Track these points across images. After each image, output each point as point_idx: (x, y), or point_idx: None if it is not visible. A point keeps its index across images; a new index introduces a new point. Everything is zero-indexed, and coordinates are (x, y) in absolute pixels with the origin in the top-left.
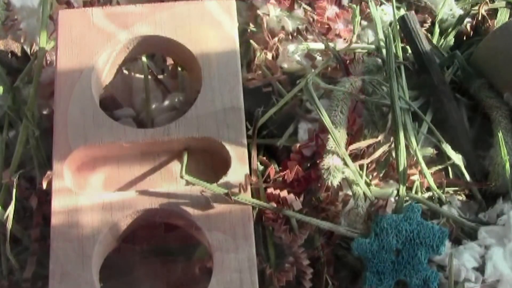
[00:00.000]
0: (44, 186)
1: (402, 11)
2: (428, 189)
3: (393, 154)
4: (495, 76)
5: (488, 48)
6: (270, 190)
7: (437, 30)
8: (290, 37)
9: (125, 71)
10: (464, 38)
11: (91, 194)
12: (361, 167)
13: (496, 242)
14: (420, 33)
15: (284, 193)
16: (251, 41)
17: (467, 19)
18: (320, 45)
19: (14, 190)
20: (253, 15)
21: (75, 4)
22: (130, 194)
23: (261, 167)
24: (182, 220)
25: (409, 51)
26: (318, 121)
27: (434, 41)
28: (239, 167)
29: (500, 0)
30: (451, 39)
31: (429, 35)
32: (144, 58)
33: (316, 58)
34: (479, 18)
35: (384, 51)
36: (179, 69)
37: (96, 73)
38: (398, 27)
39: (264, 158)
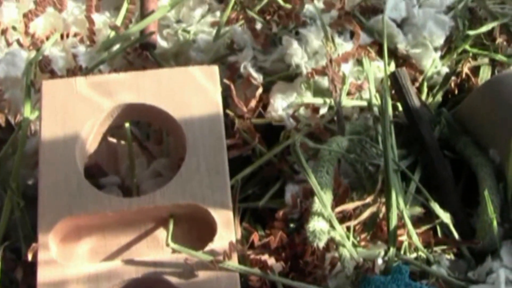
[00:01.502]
0: (30, 258)
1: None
2: (417, 249)
3: (380, 215)
4: (479, 133)
5: (472, 106)
6: (253, 255)
7: (425, 88)
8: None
9: (110, 138)
10: (450, 96)
11: (77, 265)
12: (348, 228)
13: None
14: (410, 89)
15: (265, 257)
16: (228, 110)
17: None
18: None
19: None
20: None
21: (59, 73)
22: (116, 264)
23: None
24: None
25: (399, 108)
26: (306, 182)
27: (423, 98)
28: (225, 233)
29: (482, 57)
30: (438, 98)
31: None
32: (127, 124)
33: (300, 121)
34: (463, 76)
35: (375, 108)
36: (164, 134)
37: (80, 142)
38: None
39: (248, 224)
